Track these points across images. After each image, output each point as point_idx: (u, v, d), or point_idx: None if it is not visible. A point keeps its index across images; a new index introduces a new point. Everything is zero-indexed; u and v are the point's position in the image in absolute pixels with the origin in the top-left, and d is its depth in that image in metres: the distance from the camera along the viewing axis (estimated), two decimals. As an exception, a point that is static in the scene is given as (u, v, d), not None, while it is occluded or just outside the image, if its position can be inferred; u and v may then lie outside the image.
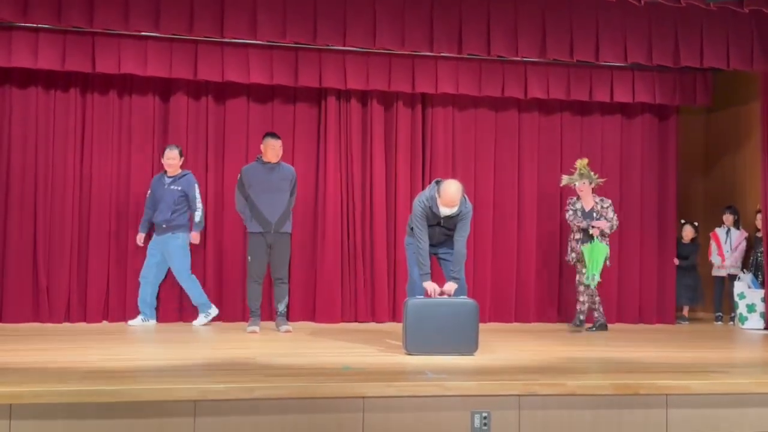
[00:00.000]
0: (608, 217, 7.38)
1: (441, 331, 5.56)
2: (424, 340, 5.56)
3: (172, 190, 7.20)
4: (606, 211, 7.41)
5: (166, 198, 7.18)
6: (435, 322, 5.56)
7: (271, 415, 4.25)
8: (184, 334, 6.74)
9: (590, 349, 6.28)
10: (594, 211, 7.42)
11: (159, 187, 7.23)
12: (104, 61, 7.16)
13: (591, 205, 7.46)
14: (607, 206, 7.45)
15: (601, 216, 7.38)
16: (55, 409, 4.06)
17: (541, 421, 4.50)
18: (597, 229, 7.31)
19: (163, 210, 7.17)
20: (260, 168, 6.95)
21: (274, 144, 6.95)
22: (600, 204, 7.46)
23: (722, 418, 4.67)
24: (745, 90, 8.68)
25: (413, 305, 5.63)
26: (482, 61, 7.87)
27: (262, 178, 6.90)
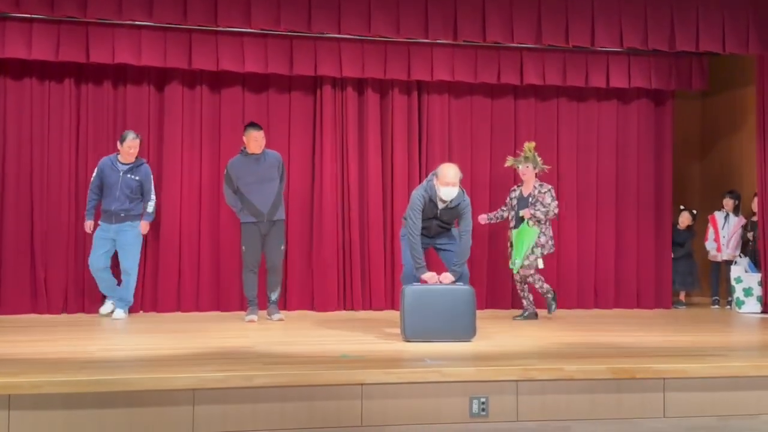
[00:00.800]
0: (545, 202, 7.08)
1: (439, 318, 5.58)
2: (422, 326, 5.58)
3: (129, 179, 7.02)
4: (543, 196, 7.11)
5: (123, 186, 6.98)
6: (433, 309, 5.58)
7: (270, 402, 4.27)
8: (181, 324, 6.75)
9: (587, 334, 6.30)
10: (531, 196, 7.16)
11: (112, 174, 6.98)
12: (98, 51, 7.13)
13: (529, 190, 7.21)
14: (545, 191, 7.15)
15: (537, 201, 7.09)
16: (54, 400, 4.07)
17: (539, 405, 4.53)
18: (527, 212, 7.04)
19: (120, 198, 6.97)
20: (246, 160, 6.91)
21: (256, 135, 6.89)
22: (538, 189, 7.17)
23: (720, 402, 4.70)
24: (741, 74, 8.68)
25: (411, 292, 5.64)
26: (478, 47, 7.85)
27: (249, 170, 6.87)
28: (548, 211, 7.12)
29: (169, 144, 7.73)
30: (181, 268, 7.70)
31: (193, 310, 7.67)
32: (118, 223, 7.01)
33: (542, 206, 7.09)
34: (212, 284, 7.74)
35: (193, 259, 7.73)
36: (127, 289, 7.08)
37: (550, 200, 7.13)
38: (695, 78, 8.47)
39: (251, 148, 6.90)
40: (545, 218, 7.13)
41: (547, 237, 7.16)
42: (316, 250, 7.91)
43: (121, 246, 7.04)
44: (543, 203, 7.10)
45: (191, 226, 7.74)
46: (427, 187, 5.95)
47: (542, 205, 7.09)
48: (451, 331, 5.61)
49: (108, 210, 7.01)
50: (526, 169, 7.24)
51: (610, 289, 8.47)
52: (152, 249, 7.67)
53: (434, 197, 5.90)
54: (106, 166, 7.04)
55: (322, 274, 7.86)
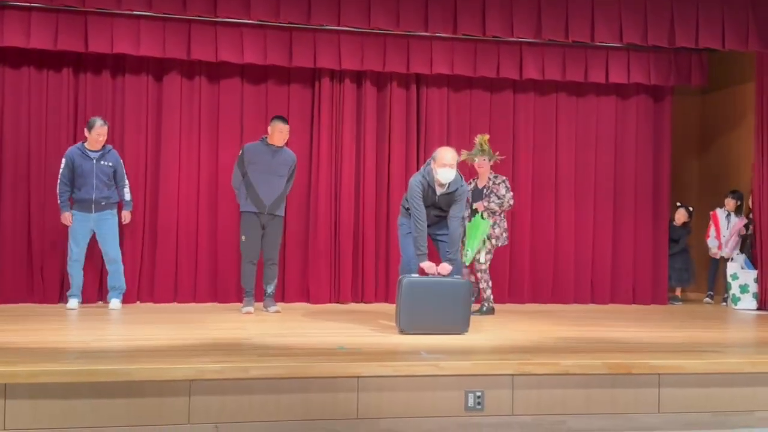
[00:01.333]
0: (499, 194, 7.01)
1: (434, 310, 5.60)
2: (417, 318, 5.60)
3: (102, 165, 6.95)
4: (497, 187, 7.03)
5: (99, 174, 6.92)
6: (429, 301, 5.60)
7: (266, 394, 4.27)
8: (178, 315, 6.74)
9: (584, 328, 6.31)
10: (485, 188, 7.09)
11: (85, 163, 6.88)
12: (97, 40, 7.12)
13: (484, 182, 7.13)
14: (500, 182, 7.07)
15: (492, 193, 7.03)
16: (51, 389, 4.07)
17: (535, 399, 4.54)
18: (480, 205, 6.99)
19: (98, 186, 6.91)
20: (263, 148, 6.92)
21: (282, 128, 6.91)
22: (492, 181, 7.09)
23: (714, 398, 4.71)
24: (740, 71, 8.68)
25: (408, 284, 5.66)
26: (477, 41, 7.84)
27: (263, 159, 6.87)
28: (503, 203, 7.03)
29: (168, 134, 7.72)
30: (179, 259, 7.70)
31: (190, 301, 7.68)
32: (99, 212, 6.95)
33: (497, 197, 7.02)
34: (210, 275, 7.74)
35: (190, 249, 7.73)
36: (119, 276, 7.08)
37: (504, 191, 7.05)
38: (694, 74, 8.47)
39: (273, 140, 6.90)
40: (500, 210, 7.04)
41: (501, 229, 7.09)
42: (312, 242, 7.91)
43: (104, 235, 7.00)
44: (497, 194, 7.03)
45: (189, 216, 7.74)
46: (425, 173, 5.95)
47: (497, 196, 7.03)
48: (446, 324, 5.62)
49: (86, 199, 6.93)
50: (483, 162, 7.14)
51: (607, 284, 8.49)
52: (149, 239, 7.67)
53: (432, 183, 5.90)
54: (76, 156, 6.94)
55: (317, 267, 7.87)
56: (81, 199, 6.95)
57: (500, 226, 7.09)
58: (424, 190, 5.91)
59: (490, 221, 7.00)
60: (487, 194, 7.07)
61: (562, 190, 8.45)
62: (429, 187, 5.92)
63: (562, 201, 8.46)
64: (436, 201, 5.97)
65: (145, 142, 7.66)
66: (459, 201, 5.98)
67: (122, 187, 7.09)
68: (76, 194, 6.97)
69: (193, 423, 4.19)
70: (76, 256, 6.97)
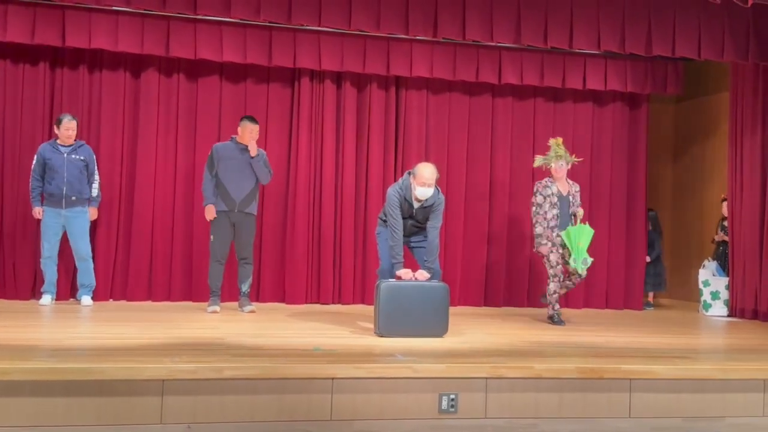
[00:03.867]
0: (578, 203, 7.00)
1: (412, 314, 5.61)
2: (395, 322, 5.60)
3: (74, 159, 6.91)
4: (576, 195, 7.00)
5: (70, 168, 6.87)
6: (406, 305, 5.61)
7: (239, 395, 4.26)
8: (152, 313, 6.70)
9: (557, 333, 6.36)
10: (570, 195, 6.97)
11: (56, 157, 6.84)
12: (74, 35, 7.05)
13: (567, 188, 6.98)
14: (576, 191, 7.04)
15: (575, 199, 6.97)
16: (22, 387, 4.03)
17: (508, 403, 4.56)
18: (582, 210, 6.92)
19: (70, 181, 6.85)
20: (233, 147, 6.91)
21: (252, 128, 6.90)
22: (573, 188, 7.02)
23: (685, 403, 4.77)
24: (715, 80, 8.80)
25: (386, 287, 5.66)
26: (457, 45, 7.88)
27: (232, 157, 6.86)
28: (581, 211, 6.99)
29: (144, 131, 7.67)
30: (153, 257, 7.65)
31: (164, 299, 7.63)
32: (69, 208, 6.90)
33: (578, 206, 6.95)
34: (184, 274, 7.70)
35: (165, 248, 7.68)
36: (89, 273, 7.03)
37: (579, 201, 7.01)
38: (670, 82, 8.58)
39: (244, 139, 6.89)
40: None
41: None
42: (289, 242, 7.89)
43: (74, 232, 6.93)
44: (578, 202, 6.97)
45: (164, 215, 7.70)
46: (402, 186, 5.96)
47: (578, 205, 6.95)
48: (424, 327, 5.64)
49: (56, 194, 6.86)
50: (561, 168, 6.95)
51: (580, 288, 8.54)
52: (124, 237, 7.61)
53: (409, 197, 5.92)
54: (47, 151, 6.89)
55: (294, 267, 7.85)
56: (51, 194, 6.88)
57: None
58: (401, 202, 5.93)
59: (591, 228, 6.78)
60: (573, 202, 6.94)
61: (539, 194, 8.50)
62: (405, 201, 5.94)
63: (538, 205, 8.51)
64: (414, 214, 5.99)
65: (121, 139, 7.60)
66: (436, 213, 6.01)
67: (92, 182, 7.04)
68: (46, 188, 6.90)
69: (165, 423, 4.16)
70: (48, 253, 6.90)
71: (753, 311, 7.77)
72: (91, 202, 7.05)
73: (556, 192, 6.92)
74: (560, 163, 6.95)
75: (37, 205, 6.90)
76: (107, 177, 7.40)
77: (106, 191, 7.34)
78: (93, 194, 7.05)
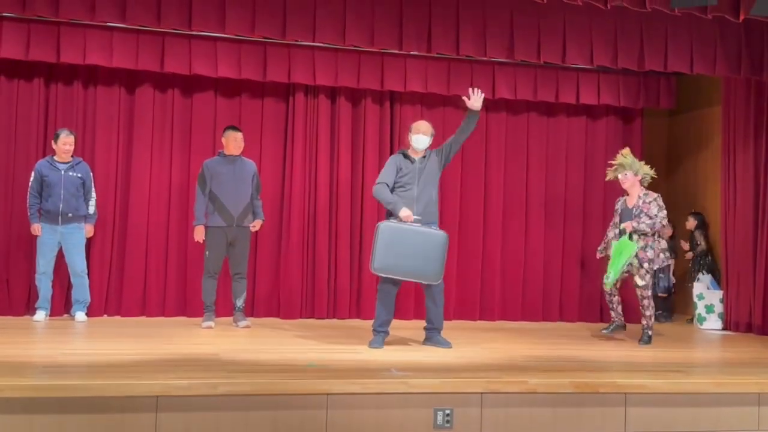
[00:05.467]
0: (651, 213, 6.54)
1: (408, 256, 5.66)
2: (391, 262, 5.67)
3: (72, 176, 6.91)
4: (648, 206, 6.57)
5: (67, 185, 6.87)
6: (404, 247, 5.67)
7: (234, 411, 4.25)
8: (146, 329, 6.68)
9: (552, 347, 6.35)
10: (635, 207, 6.62)
11: (53, 174, 6.83)
12: (69, 51, 7.07)
13: (634, 201, 6.66)
14: (651, 201, 6.59)
15: (642, 212, 6.58)
16: (14, 404, 4.01)
17: (503, 418, 4.56)
18: (629, 225, 6.60)
19: (66, 198, 6.85)
20: (222, 161, 6.92)
21: (236, 136, 6.93)
22: (642, 199, 6.62)
23: (679, 417, 4.77)
24: (707, 95, 8.84)
25: (386, 227, 5.75)
26: (451, 60, 7.92)
27: (225, 171, 6.87)
28: (654, 223, 6.55)
29: (139, 147, 7.68)
30: (147, 272, 7.64)
31: (159, 315, 7.61)
32: (65, 224, 6.89)
33: (647, 218, 6.55)
34: (178, 289, 7.69)
35: (159, 263, 7.67)
36: (84, 289, 7.02)
37: (656, 211, 6.56)
38: (663, 97, 8.64)
39: (230, 149, 6.90)
40: (651, 230, 6.57)
41: (657, 250, 6.62)
42: (284, 256, 7.89)
43: (70, 248, 6.93)
44: (648, 214, 6.56)
45: (158, 230, 7.69)
46: (401, 150, 6.16)
47: (647, 216, 6.56)
48: (418, 272, 5.70)
49: (52, 210, 6.86)
50: (626, 178, 6.69)
51: (575, 302, 8.56)
52: (118, 252, 7.60)
53: (408, 153, 6.05)
54: (44, 167, 6.90)
55: (289, 282, 7.84)
56: (48, 210, 6.88)
57: (654, 248, 6.60)
58: (400, 161, 6.01)
59: (641, 243, 6.57)
60: (636, 214, 6.62)
61: (532, 209, 8.53)
62: (405, 158, 6.02)
63: (532, 220, 8.54)
64: (418, 170, 6.00)
65: (116, 155, 7.61)
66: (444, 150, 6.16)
67: (88, 200, 7.04)
68: (43, 205, 6.90)
69: (159, 439, 4.14)
70: (43, 269, 6.89)
71: (747, 324, 7.79)
72: (88, 219, 7.04)
73: (622, 207, 6.81)
74: (625, 173, 6.73)
75: (35, 221, 6.90)
76: (102, 192, 7.39)
77: (101, 206, 7.32)
78: (90, 211, 7.04)
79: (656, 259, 6.63)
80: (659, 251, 6.65)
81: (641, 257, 6.59)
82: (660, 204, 6.63)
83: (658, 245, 6.66)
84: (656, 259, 6.64)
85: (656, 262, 6.65)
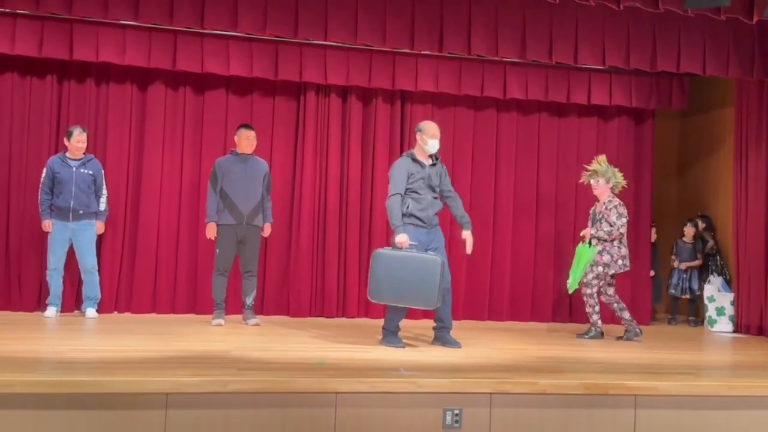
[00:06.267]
0: (610, 220, 6.79)
1: (405, 283, 5.62)
2: (387, 289, 5.66)
3: (83, 173, 6.94)
4: (608, 213, 6.82)
5: (78, 182, 6.90)
6: (400, 275, 5.62)
7: (243, 409, 4.25)
8: (156, 326, 6.70)
9: (562, 348, 6.34)
10: (599, 213, 6.90)
11: (64, 170, 6.88)
12: (82, 48, 7.10)
13: (599, 207, 6.95)
14: (611, 208, 6.83)
15: (603, 218, 6.84)
16: (26, 400, 4.02)
17: (512, 418, 4.54)
18: (587, 232, 6.92)
19: (77, 195, 6.89)
20: (234, 160, 6.94)
21: (249, 134, 6.95)
22: (605, 206, 6.87)
23: (689, 420, 4.74)
24: (720, 95, 8.80)
25: (381, 255, 5.71)
26: (462, 60, 7.91)
27: (236, 169, 6.89)
28: (611, 231, 6.78)
29: (150, 144, 7.70)
30: (158, 270, 7.67)
31: (169, 312, 7.64)
32: (76, 221, 6.92)
33: (608, 225, 6.79)
34: (189, 287, 7.71)
35: (170, 260, 7.70)
36: (94, 286, 7.05)
37: (615, 218, 6.78)
38: (675, 98, 8.60)
39: (242, 148, 6.92)
40: (609, 238, 6.79)
41: (614, 255, 6.81)
42: (294, 255, 7.90)
43: (80, 245, 6.96)
44: (609, 221, 6.80)
45: (170, 227, 7.71)
46: (407, 154, 6.01)
47: (608, 223, 6.79)
48: (415, 298, 5.67)
49: (64, 207, 6.90)
50: (597, 184, 6.94)
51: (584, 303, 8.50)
52: (129, 249, 7.63)
53: (418, 158, 5.93)
54: (56, 164, 6.93)
55: (298, 280, 7.85)
56: (59, 207, 6.91)
57: (611, 253, 6.80)
58: (409, 166, 5.89)
59: (598, 248, 6.80)
60: (598, 219, 6.87)
61: (543, 209, 8.51)
62: (415, 163, 5.93)
63: (543, 220, 8.52)
64: (428, 175, 5.94)
65: (127, 152, 7.64)
66: (446, 173, 6.09)
67: (99, 197, 7.06)
68: (54, 202, 6.94)
69: (169, 436, 4.15)
70: (54, 265, 6.92)
71: (758, 327, 7.75)
72: (99, 216, 7.07)
73: (592, 212, 7.07)
74: (597, 179, 6.96)
75: (46, 218, 6.93)
76: (113, 189, 7.42)
77: (112, 203, 7.36)
78: (100, 208, 7.07)
79: (613, 264, 6.82)
80: (618, 257, 6.83)
81: (596, 260, 6.81)
82: (620, 212, 6.82)
83: (618, 252, 6.84)
84: (613, 265, 6.83)
85: (612, 267, 6.83)
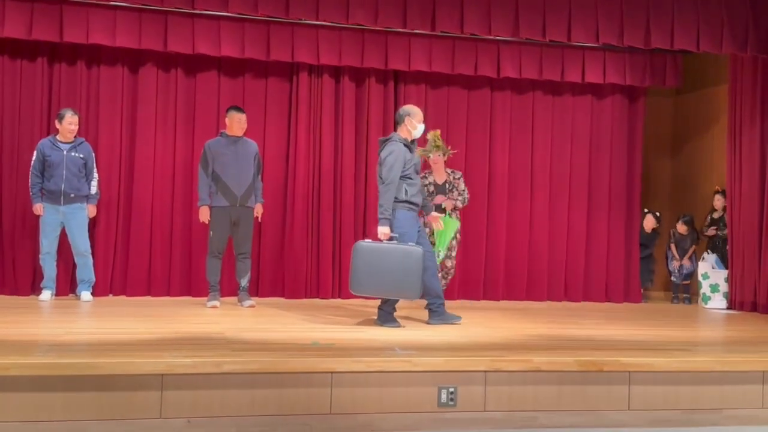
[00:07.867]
0: (460, 189, 7.19)
1: (386, 275, 5.62)
2: (368, 282, 5.66)
3: (74, 157, 6.91)
4: (458, 182, 7.22)
5: (69, 165, 6.87)
6: (381, 266, 5.62)
7: (239, 389, 4.27)
8: (152, 308, 6.71)
9: (556, 326, 6.36)
10: (447, 183, 7.20)
11: (54, 153, 6.84)
12: (72, 30, 7.04)
13: (444, 178, 7.23)
14: (458, 177, 7.26)
15: (454, 188, 7.18)
16: (21, 382, 4.03)
17: (507, 396, 4.57)
18: (450, 203, 7.08)
19: (69, 178, 6.86)
20: (225, 142, 6.92)
21: (240, 117, 6.92)
22: (452, 176, 7.26)
23: (684, 396, 4.78)
24: (714, 73, 8.79)
25: (361, 248, 5.70)
26: (455, 39, 7.87)
27: (227, 151, 6.87)
28: (464, 198, 7.23)
29: (142, 127, 7.67)
30: (152, 252, 7.66)
31: (164, 294, 7.64)
32: (67, 204, 6.91)
33: (458, 193, 7.18)
34: (183, 269, 7.71)
35: (164, 243, 7.69)
36: (88, 269, 7.04)
37: (463, 186, 7.24)
38: (669, 75, 8.57)
39: (233, 130, 6.89)
40: (462, 206, 7.25)
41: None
42: (288, 237, 7.89)
43: (73, 228, 6.95)
44: (458, 190, 7.19)
45: (163, 210, 7.70)
46: (398, 139, 5.88)
47: (458, 192, 7.19)
48: (397, 290, 5.67)
49: (55, 191, 6.88)
50: (438, 158, 7.17)
51: (580, 281, 8.55)
52: (123, 232, 7.62)
53: (409, 143, 5.91)
54: (46, 147, 6.90)
55: (293, 262, 7.85)
56: (50, 191, 6.90)
57: None
58: (405, 153, 5.83)
59: (456, 217, 7.09)
60: (450, 189, 7.17)
61: (537, 188, 8.51)
62: (407, 148, 5.89)
63: (537, 199, 8.52)
64: (416, 162, 5.97)
65: (119, 135, 7.60)
66: None
67: (90, 180, 7.04)
68: (45, 185, 6.92)
69: (165, 417, 4.17)
70: (46, 249, 6.91)
71: (752, 303, 7.78)
72: (90, 199, 7.05)
73: (432, 182, 7.22)
74: (438, 153, 7.12)
75: (37, 201, 6.91)
76: (106, 172, 7.40)
77: (105, 186, 7.34)
78: (92, 192, 7.05)
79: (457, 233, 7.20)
80: None
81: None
82: (464, 181, 7.31)
83: None
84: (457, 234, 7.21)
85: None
